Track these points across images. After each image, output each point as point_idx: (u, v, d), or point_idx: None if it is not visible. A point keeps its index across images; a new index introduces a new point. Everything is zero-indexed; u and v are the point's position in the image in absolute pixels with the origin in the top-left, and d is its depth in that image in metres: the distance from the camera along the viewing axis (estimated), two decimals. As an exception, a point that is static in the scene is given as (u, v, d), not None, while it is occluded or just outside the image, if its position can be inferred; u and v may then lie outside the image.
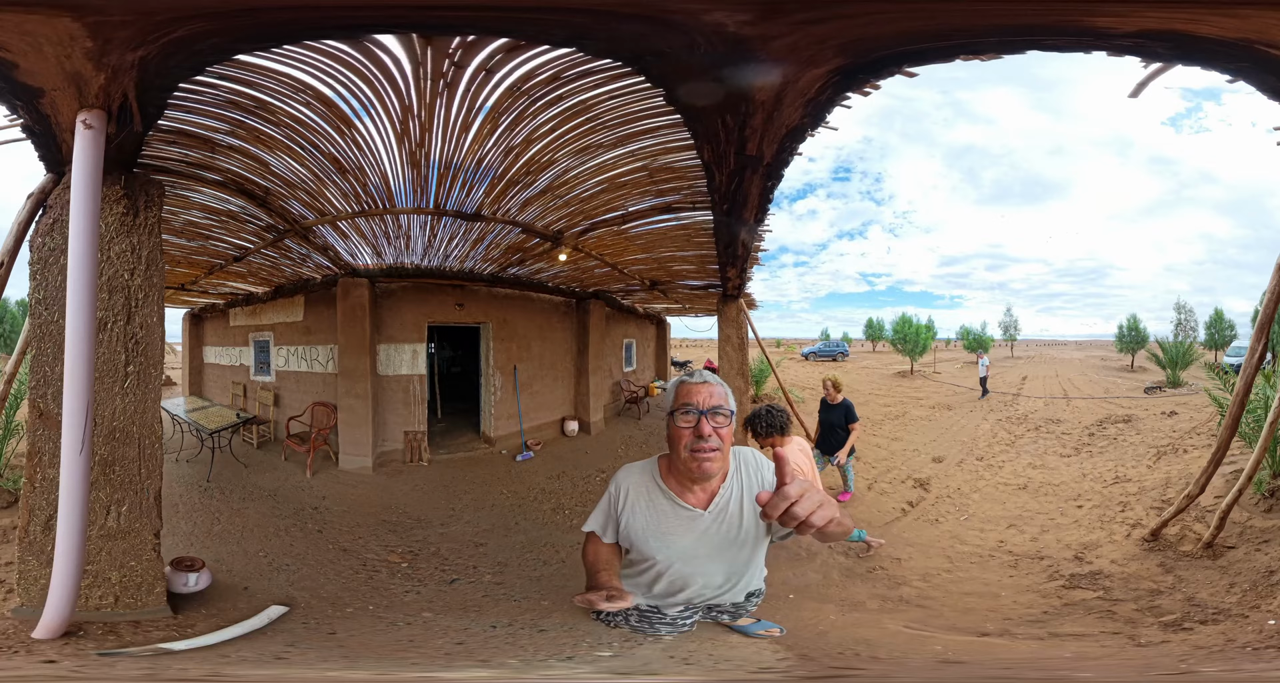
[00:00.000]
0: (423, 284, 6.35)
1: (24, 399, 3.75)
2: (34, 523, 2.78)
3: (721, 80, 1.56)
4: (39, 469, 2.73)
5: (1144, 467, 5.98)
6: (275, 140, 2.41)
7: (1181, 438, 6.91)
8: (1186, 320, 26.45)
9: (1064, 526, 4.62)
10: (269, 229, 4.09)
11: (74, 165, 2.09)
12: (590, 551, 1.74)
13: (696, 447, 1.50)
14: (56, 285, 2.52)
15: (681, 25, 1.35)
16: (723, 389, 1.57)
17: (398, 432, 6.38)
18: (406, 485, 5.69)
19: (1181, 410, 8.88)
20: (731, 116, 1.88)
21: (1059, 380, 18.79)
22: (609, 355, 9.85)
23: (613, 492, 1.72)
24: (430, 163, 2.53)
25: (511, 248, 4.73)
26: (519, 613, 3.23)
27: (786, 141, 1.97)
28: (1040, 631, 2.74)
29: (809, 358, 28.97)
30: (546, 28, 1.53)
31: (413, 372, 6.49)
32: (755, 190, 2.49)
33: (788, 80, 1.57)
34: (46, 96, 1.93)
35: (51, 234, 2.56)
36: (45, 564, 2.68)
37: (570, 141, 2.45)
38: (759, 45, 1.42)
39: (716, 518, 1.62)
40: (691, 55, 1.49)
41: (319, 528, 4.47)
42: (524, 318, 7.75)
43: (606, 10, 1.30)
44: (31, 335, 2.59)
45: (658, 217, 3.43)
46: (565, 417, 8.39)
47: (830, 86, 1.64)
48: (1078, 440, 7.91)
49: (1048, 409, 11.31)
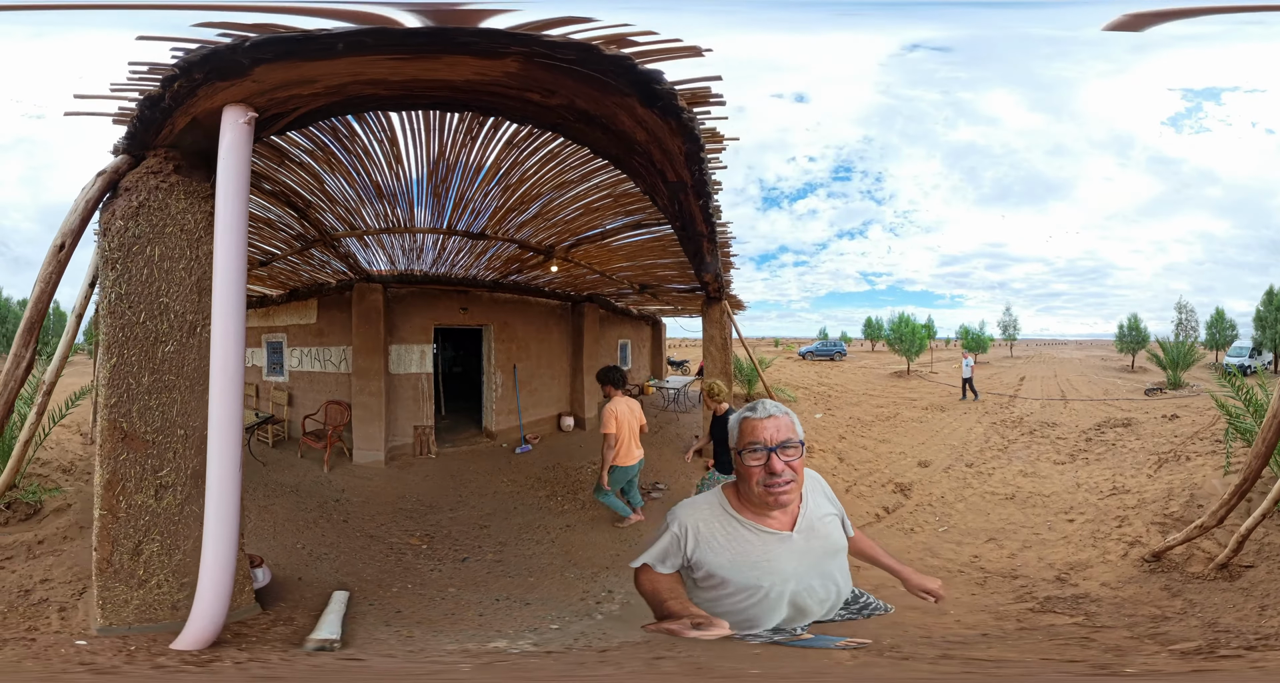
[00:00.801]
0: (431, 290, 6.92)
1: (33, 406, 3.68)
2: (119, 552, 2.61)
3: (613, 133, 2.20)
4: (123, 497, 2.54)
5: (1144, 476, 5.68)
6: (339, 163, 3.02)
7: (1184, 444, 6.62)
8: (1187, 320, 26.18)
9: (1050, 542, 4.35)
10: (299, 237, 4.67)
11: (223, 157, 2.11)
12: (647, 582, 1.69)
13: (770, 483, 1.49)
14: (142, 280, 2.34)
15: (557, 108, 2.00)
16: (789, 419, 1.55)
17: (407, 427, 6.91)
18: (417, 476, 6.17)
19: (1183, 413, 8.70)
20: (639, 155, 2.40)
21: (1057, 381, 18.73)
22: (604, 355, 10.33)
23: (676, 532, 1.65)
24: (448, 194, 3.25)
25: (510, 259, 5.42)
26: (513, 588, 3.64)
27: (693, 167, 2.38)
28: (933, 652, 2.51)
29: (806, 358, 29.18)
30: (505, 110, 2.25)
31: (421, 370, 7.05)
32: (695, 207, 2.94)
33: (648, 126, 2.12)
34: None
35: (135, 219, 2.35)
36: (136, 588, 2.64)
37: (550, 179, 3.17)
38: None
39: (806, 536, 1.63)
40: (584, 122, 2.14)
41: (344, 518, 4.82)
42: (523, 321, 8.31)
43: (535, 102, 2.01)
44: (109, 340, 2.33)
45: (631, 231, 4.08)
46: (561, 413, 8.96)
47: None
48: (1073, 446, 7.62)
49: (1044, 412, 11.13)
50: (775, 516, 1.60)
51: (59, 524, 3.88)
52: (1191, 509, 4.35)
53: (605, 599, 3.50)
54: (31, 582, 3.08)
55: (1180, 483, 5.07)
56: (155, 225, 2.33)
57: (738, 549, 1.59)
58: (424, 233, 4.06)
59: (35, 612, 2.81)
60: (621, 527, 4.85)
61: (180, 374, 2.41)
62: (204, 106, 2.10)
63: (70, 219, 2.18)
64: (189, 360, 2.41)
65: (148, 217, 2.32)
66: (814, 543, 1.63)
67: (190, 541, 2.61)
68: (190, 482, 2.52)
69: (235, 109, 2.07)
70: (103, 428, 2.36)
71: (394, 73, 1.85)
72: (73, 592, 3.02)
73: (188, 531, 2.59)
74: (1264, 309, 22.72)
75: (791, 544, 1.60)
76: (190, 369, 2.42)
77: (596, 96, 1.94)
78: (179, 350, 2.39)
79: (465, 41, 1.66)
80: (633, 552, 4.45)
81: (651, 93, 1.80)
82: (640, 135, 2.16)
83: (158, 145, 2.33)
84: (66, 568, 3.25)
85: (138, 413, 2.36)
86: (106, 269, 2.29)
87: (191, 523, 2.59)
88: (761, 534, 1.59)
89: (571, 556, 4.24)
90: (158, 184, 2.33)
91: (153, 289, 2.34)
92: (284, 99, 2.07)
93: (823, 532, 1.65)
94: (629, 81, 1.78)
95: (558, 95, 1.97)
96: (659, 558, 1.67)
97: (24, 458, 3.63)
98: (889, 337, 23.62)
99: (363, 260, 5.59)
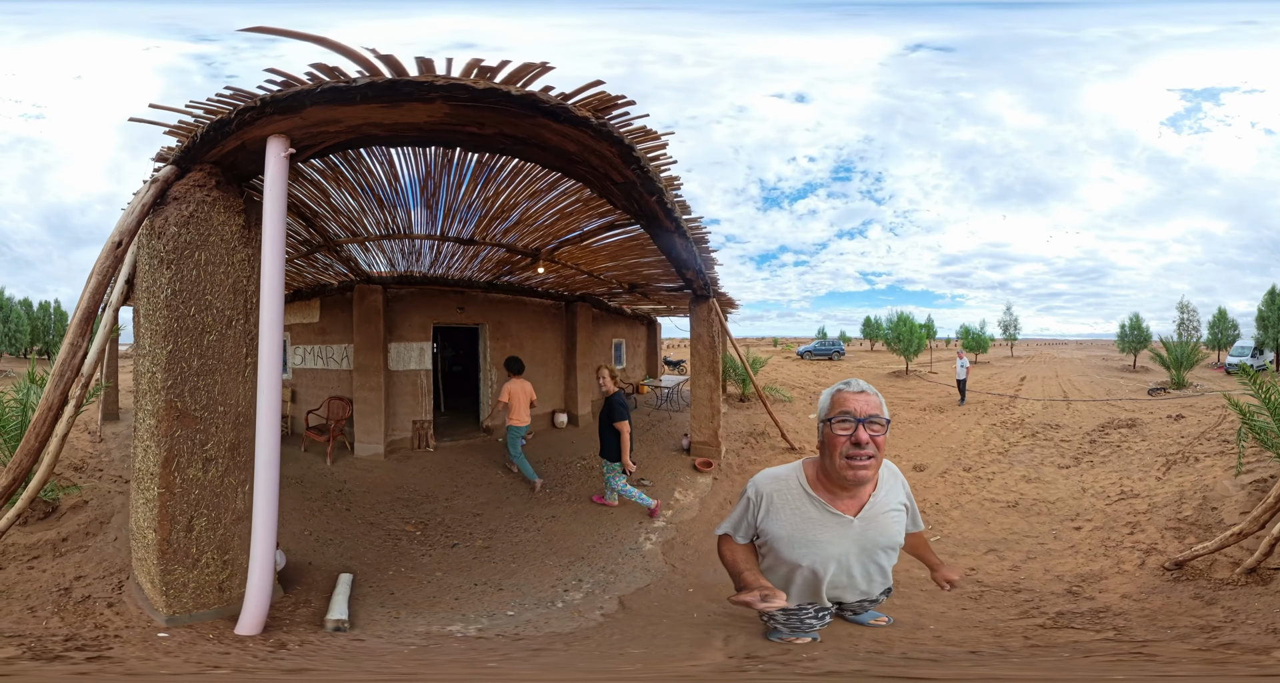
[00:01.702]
0: (429, 290, 7.28)
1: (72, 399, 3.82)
2: (175, 530, 2.74)
3: (549, 149, 2.58)
4: (177, 473, 2.72)
5: (1153, 479, 5.50)
6: (345, 180, 3.43)
7: (1191, 444, 6.44)
8: (1189, 320, 26.18)
9: (1056, 552, 4.12)
10: (304, 243, 5.07)
11: (269, 184, 2.46)
12: (727, 551, 1.78)
13: (852, 454, 1.53)
14: (192, 279, 2.65)
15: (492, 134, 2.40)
16: (879, 398, 1.59)
17: (406, 421, 7.23)
18: (415, 468, 6.45)
19: (1189, 413, 8.57)
20: (580, 164, 2.74)
21: (1059, 381, 18.65)
22: (597, 354, 10.68)
23: (751, 497, 1.72)
24: (438, 205, 3.69)
25: (501, 261, 5.82)
26: (493, 573, 3.88)
27: (631, 166, 2.64)
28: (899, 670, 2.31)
29: (805, 357, 29.46)
30: (456, 142, 2.69)
31: (420, 367, 7.40)
32: (652, 204, 3.18)
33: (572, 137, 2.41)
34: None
35: (186, 227, 2.64)
36: (190, 567, 2.78)
37: (522, 190, 3.58)
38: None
39: (866, 525, 1.65)
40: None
41: (346, 507, 5.05)
42: (517, 320, 8.67)
43: (475, 133, 2.46)
44: (166, 329, 2.62)
45: (608, 232, 4.44)
46: (555, 410, 9.28)
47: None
48: (1078, 449, 7.42)
49: (1046, 413, 10.90)
50: (845, 499, 1.64)
51: (78, 521, 3.98)
52: (1205, 512, 4.22)
53: (573, 588, 3.71)
54: (66, 579, 3.16)
55: (1191, 485, 4.92)
56: (202, 234, 2.68)
57: (798, 525, 1.65)
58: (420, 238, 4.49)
59: (84, 609, 2.85)
60: (535, 493, 5.57)
61: (220, 359, 2.76)
62: (254, 134, 2.44)
63: (127, 219, 2.46)
64: (227, 348, 2.77)
65: (196, 226, 2.65)
66: (870, 534, 1.67)
67: (230, 513, 2.87)
68: (228, 454, 2.82)
69: (277, 142, 2.44)
70: (159, 408, 2.64)
71: (384, 117, 2.28)
72: (110, 587, 3.13)
73: (227, 502, 2.86)
74: (1266, 309, 22.91)
75: (849, 530, 1.64)
76: (228, 355, 2.77)
77: (516, 123, 2.32)
78: (219, 340, 2.75)
79: (406, 91, 2.08)
80: (608, 542, 4.74)
81: (547, 111, 2.14)
82: (571, 147, 2.52)
83: (204, 161, 2.64)
84: (96, 564, 3.39)
85: (189, 393, 2.67)
86: (162, 267, 2.61)
87: (230, 494, 2.86)
88: (826, 514, 1.64)
89: (553, 544, 4.48)
90: (203, 197, 2.66)
91: (200, 288, 2.68)
92: (315, 134, 2.46)
93: (883, 524, 1.68)
94: (523, 106, 2.14)
95: (489, 126, 2.39)
96: (734, 527, 1.77)
97: (59, 453, 3.80)
98: (887, 336, 23.69)
99: (363, 263, 5.98)
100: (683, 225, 3.70)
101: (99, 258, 2.40)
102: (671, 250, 4.26)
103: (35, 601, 2.89)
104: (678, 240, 3.97)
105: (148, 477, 2.75)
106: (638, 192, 3.00)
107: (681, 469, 6.61)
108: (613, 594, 3.59)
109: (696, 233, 4.30)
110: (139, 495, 2.87)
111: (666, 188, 3.09)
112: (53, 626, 2.65)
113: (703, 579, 3.80)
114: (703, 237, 4.50)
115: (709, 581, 3.74)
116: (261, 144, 2.47)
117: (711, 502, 5.65)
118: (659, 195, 3.05)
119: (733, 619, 2.83)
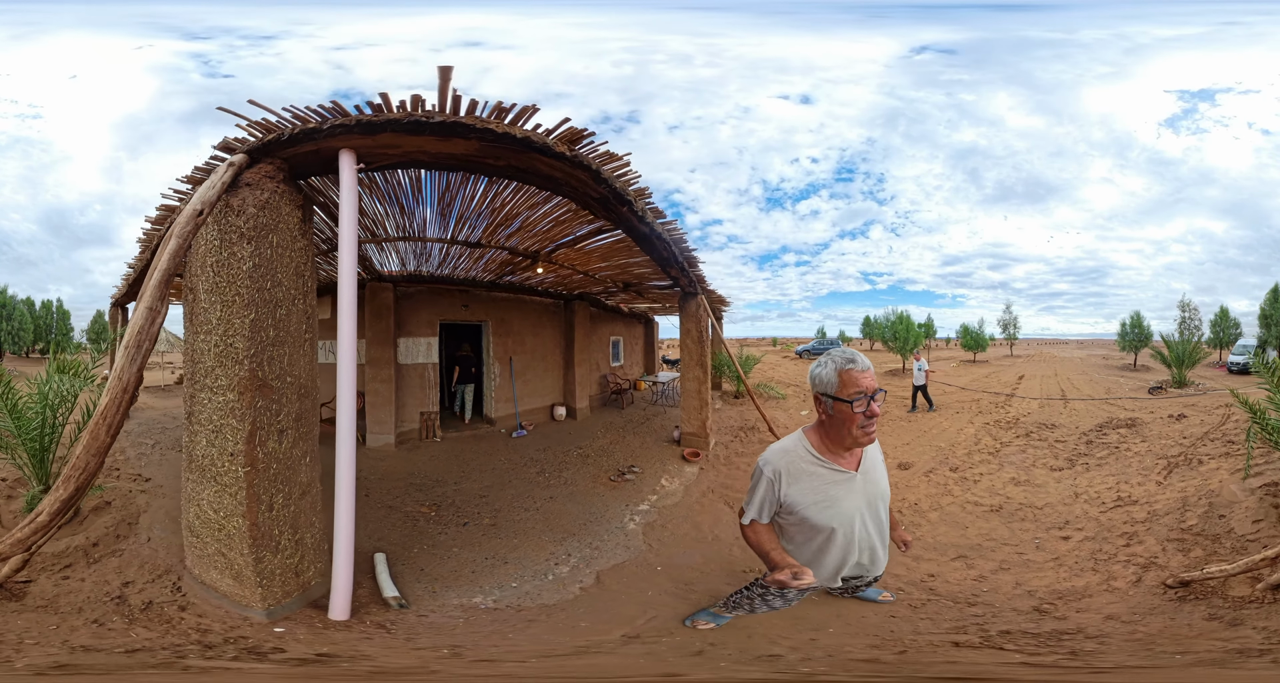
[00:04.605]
0: (436, 288, 7.84)
1: (79, 396, 3.91)
2: (262, 510, 2.73)
3: (542, 176, 3.25)
4: (260, 446, 2.73)
5: (1153, 483, 5.20)
6: (377, 187, 3.99)
7: (1194, 446, 6.21)
8: (1191, 318, 25.42)
9: (1035, 564, 3.81)
10: (326, 241, 5.59)
11: (344, 192, 2.83)
12: (752, 534, 1.90)
13: (866, 425, 1.72)
14: (267, 258, 2.82)
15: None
16: (873, 370, 1.77)
17: (415, 413, 7.76)
18: (424, 457, 6.89)
19: (1191, 413, 8.46)
20: (564, 185, 3.38)
21: (1057, 380, 18.44)
22: (595, 351, 11.26)
23: (769, 475, 1.84)
24: (452, 213, 4.40)
25: (504, 262, 6.48)
26: (499, 548, 4.24)
27: (600, 184, 3.29)
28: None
29: (803, 356, 29.72)
30: (479, 169, 3.37)
31: (428, 361, 7.97)
32: (627, 213, 3.81)
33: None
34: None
35: (264, 210, 2.80)
36: (274, 553, 2.78)
37: (523, 202, 4.24)
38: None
39: (865, 479, 1.87)
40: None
41: (365, 493, 5.32)
42: (519, 317, 9.23)
43: (490, 164, 3.14)
44: (248, 299, 2.73)
45: (597, 236, 5.08)
46: (554, 403, 9.86)
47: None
48: (1073, 450, 7.19)
49: (1042, 412, 10.71)
50: (846, 457, 1.83)
51: (105, 524, 3.86)
52: (1212, 521, 3.88)
53: (562, 562, 4.07)
54: (113, 587, 3.00)
55: (1195, 490, 4.63)
56: (274, 218, 2.88)
57: (818, 488, 1.80)
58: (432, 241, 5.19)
59: (158, 616, 2.72)
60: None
61: (288, 332, 2.95)
62: (330, 144, 2.81)
63: (209, 193, 2.56)
64: (292, 322, 2.95)
65: (271, 211, 2.86)
66: (869, 487, 1.88)
67: (297, 487, 2.97)
68: (295, 425, 2.98)
69: (349, 156, 2.85)
70: (241, 379, 2.72)
71: (434, 147, 2.90)
72: (166, 589, 3.03)
73: (295, 475, 2.97)
74: (1269, 307, 22.95)
75: (854, 484, 1.83)
76: (293, 329, 2.95)
77: (519, 156, 3.00)
78: (287, 314, 2.95)
79: (457, 130, 2.72)
80: (597, 521, 5.35)
81: (538, 148, 2.86)
82: (557, 173, 3.23)
83: (275, 155, 2.90)
84: (138, 568, 3.27)
85: (266, 362, 2.80)
86: (242, 242, 2.76)
87: (296, 466, 2.98)
88: (834, 472, 1.82)
89: (549, 522, 4.88)
90: (275, 187, 2.89)
91: (273, 265, 2.87)
92: (377, 153, 2.94)
93: (875, 476, 1.91)
94: (524, 146, 2.85)
95: (502, 159, 3.06)
96: (759, 510, 1.88)
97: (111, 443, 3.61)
98: (884, 334, 23.91)
99: (375, 262, 6.58)
100: (655, 228, 4.29)
101: (178, 222, 2.39)
102: (652, 251, 4.88)
103: (94, 612, 2.70)
104: (655, 242, 4.56)
105: (226, 458, 2.76)
106: (611, 203, 3.64)
107: (670, 459, 6.98)
108: (593, 569, 3.94)
109: (673, 234, 4.86)
110: (205, 485, 2.84)
111: (635, 198, 3.71)
112: (142, 636, 2.48)
113: (672, 560, 4.08)
114: (680, 237, 5.02)
115: (678, 562, 4.04)
116: (332, 153, 2.84)
117: (695, 489, 5.93)
118: (629, 205, 3.68)
119: (675, 598, 3.24)
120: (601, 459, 7.02)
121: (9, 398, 3.83)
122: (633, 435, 8.39)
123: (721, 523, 4.93)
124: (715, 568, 3.91)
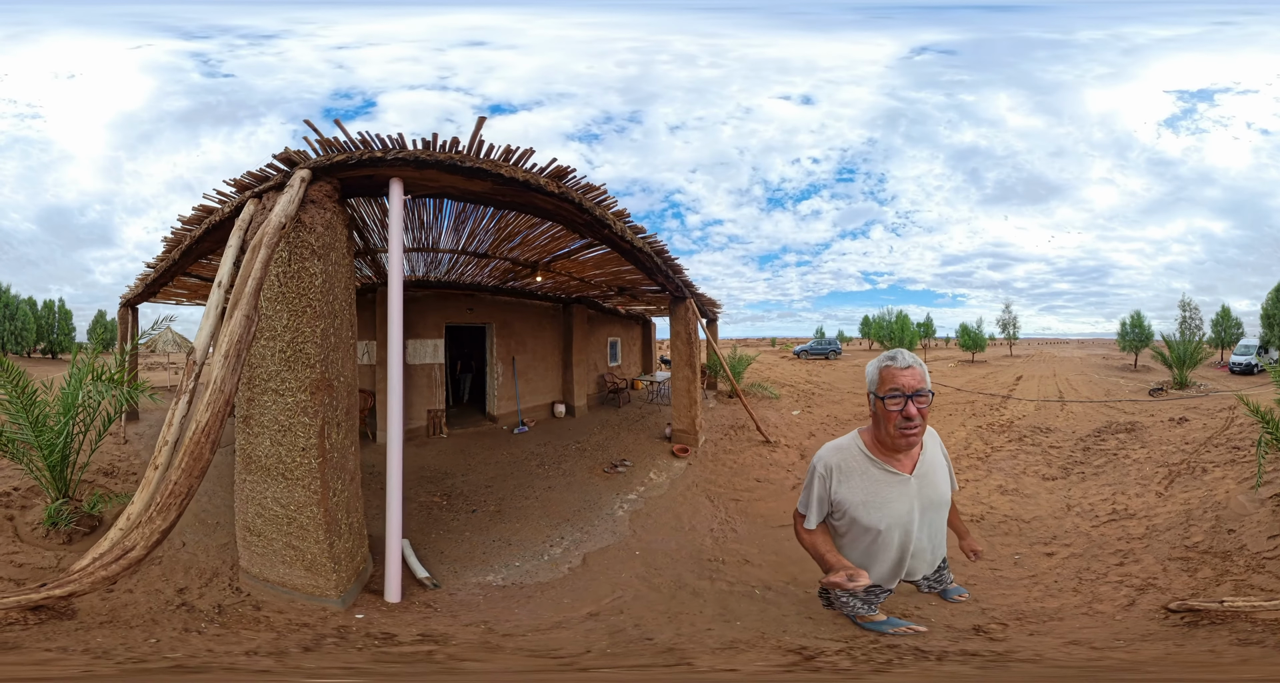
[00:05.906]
0: (443, 293, 8.36)
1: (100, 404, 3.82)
2: (335, 499, 2.85)
3: (538, 207, 3.90)
4: (327, 439, 2.88)
5: (1152, 494, 4.87)
6: (405, 208, 4.52)
7: (1197, 453, 5.89)
8: (1191, 318, 25.72)
9: (1008, 581, 3.40)
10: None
11: (393, 217, 3.24)
12: (806, 535, 1.87)
13: (904, 427, 1.68)
14: (331, 273, 3.07)
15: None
16: (922, 370, 1.70)
17: (422, 411, 8.25)
18: (432, 452, 7.30)
19: (1193, 416, 8.17)
20: (556, 213, 3.97)
21: (1056, 381, 18.26)
22: (593, 351, 11.79)
23: (821, 471, 1.82)
24: (465, 229, 5.07)
25: (506, 270, 7.08)
26: (505, 532, 4.61)
27: (584, 212, 3.88)
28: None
29: (801, 356, 29.66)
30: (490, 203, 3.98)
31: (434, 361, 8.50)
32: (609, 233, 4.40)
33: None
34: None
35: (329, 228, 3.03)
36: (340, 538, 2.87)
37: (524, 223, 4.88)
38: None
39: (921, 482, 1.82)
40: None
41: (380, 486, 5.56)
42: (521, 319, 9.76)
43: (499, 199, 3.74)
44: (320, 309, 2.93)
45: (589, 249, 5.68)
46: (554, 401, 10.38)
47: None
48: (1068, 456, 6.83)
49: (1038, 415, 10.37)
50: (900, 459, 1.80)
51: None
52: (1220, 537, 3.54)
53: (556, 544, 4.41)
54: (170, 593, 2.95)
55: (1199, 502, 4.29)
56: (334, 237, 3.17)
57: (869, 487, 1.78)
58: (444, 252, 5.84)
59: (243, 617, 2.70)
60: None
61: (341, 338, 3.21)
62: (384, 172, 3.15)
63: (289, 208, 2.70)
64: (344, 329, 3.24)
65: (332, 231, 3.11)
66: (926, 490, 1.83)
67: (348, 474, 3.17)
68: (346, 418, 3.24)
69: (398, 184, 3.23)
70: (312, 381, 2.91)
71: (462, 184, 3.44)
72: (223, 589, 3.06)
73: (347, 462, 3.20)
74: (1272, 307, 22.67)
75: (908, 487, 1.79)
76: (345, 335, 3.22)
77: (520, 194, 3.61)
78: (341, 323, 3.22)
79: (484, 174, 3.31)
80: (590, 508, 6.31)
81: (534, 188, 3.49)
82: (549, 206, 3.86)
83: (334, 174, 3.13)
84: (184, 572, 3.26)
85: (330, 365, 3.00)
86: (314, 258, 2.98)
87: (348, 454, 3.21)
88: (887, 473, 1.79)
89: (547, 509, 5.23)
90: (334, 207, 3.16)
91: (334, 280, 3.12)
92: (417, 184, 3.35)
93: (933, 481, 1.86)
94: (524, 187, 3.44)
95: (508, 196, 3.65)
96: (808, 505, 1.87)
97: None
98: (880, 333, 24.19)
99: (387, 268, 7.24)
100: (636, 243, 4.87)
101: (265, 234, 2.54)
102: (637, 262, 5.46)
103: (173, 621, 2.63)
104: (638, 254, 5.14)
105: (297, 454, 2.93)
106: (595, 226, 4.28)
107: (661, 454, 7.32)
108: (582, 552, 4.23)
109: (654, 246, 5.41)
110: (271, 483, 2.95)
111: (615, 221, 4.32)
112: (253, 640, 2.40)
113: (650, 546, 4.31)
114: (661, 247, 5.57)
115: (654, 548, 4.26)
116: (384, 179, 3.20)
117: (680, 483, 6.19)
118: (609, 228, 4.31)
119: (640, 580, 3.40)
120: (597, 453, 7.43)
121: (32, 408, 3.66)
122: (627, 432, 8.81)
123: (699, 515, 5.23)
124: (685, 555, 4.14)
